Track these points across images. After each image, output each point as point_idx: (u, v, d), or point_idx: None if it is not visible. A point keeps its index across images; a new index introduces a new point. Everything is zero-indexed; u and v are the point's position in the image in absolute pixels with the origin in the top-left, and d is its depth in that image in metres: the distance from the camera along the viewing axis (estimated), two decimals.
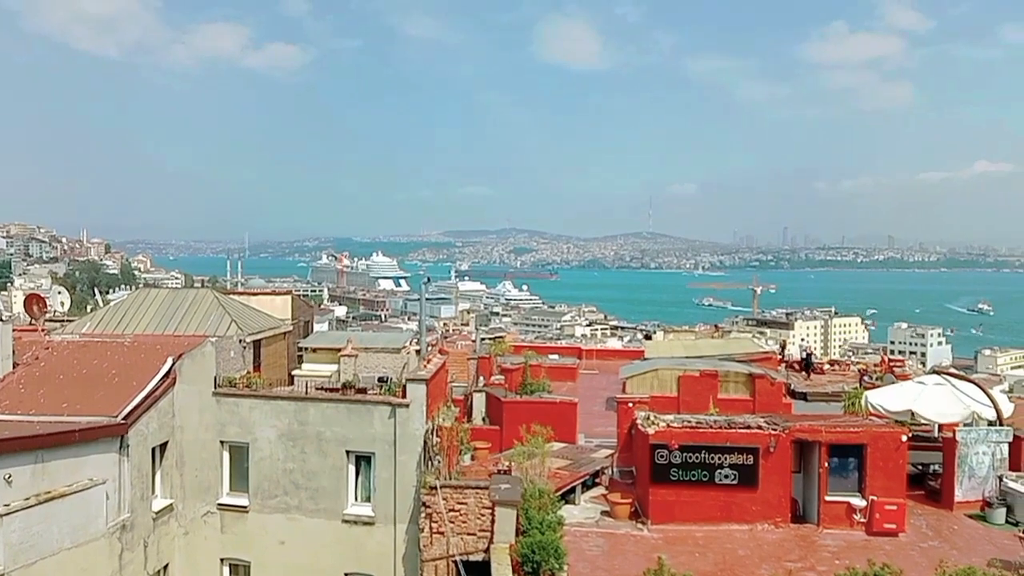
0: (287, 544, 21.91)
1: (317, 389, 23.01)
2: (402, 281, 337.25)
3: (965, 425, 21.93)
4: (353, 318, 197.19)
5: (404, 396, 21.02)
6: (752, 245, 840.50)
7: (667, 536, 18.36)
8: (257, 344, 27.52)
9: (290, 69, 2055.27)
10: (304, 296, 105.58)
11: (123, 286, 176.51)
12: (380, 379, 23.67)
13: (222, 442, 22.55)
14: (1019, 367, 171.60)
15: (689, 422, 20.08)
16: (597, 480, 21.94)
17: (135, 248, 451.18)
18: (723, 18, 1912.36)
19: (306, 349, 29.51)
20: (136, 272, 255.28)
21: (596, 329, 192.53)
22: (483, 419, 26.25)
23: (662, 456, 19.13)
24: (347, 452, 21.65)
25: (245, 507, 22.29)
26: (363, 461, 21.81)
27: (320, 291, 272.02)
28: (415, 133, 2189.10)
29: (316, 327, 41.57)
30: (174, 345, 23.49)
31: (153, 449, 21.68)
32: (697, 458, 19.15)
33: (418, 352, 26.36)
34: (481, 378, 31.97)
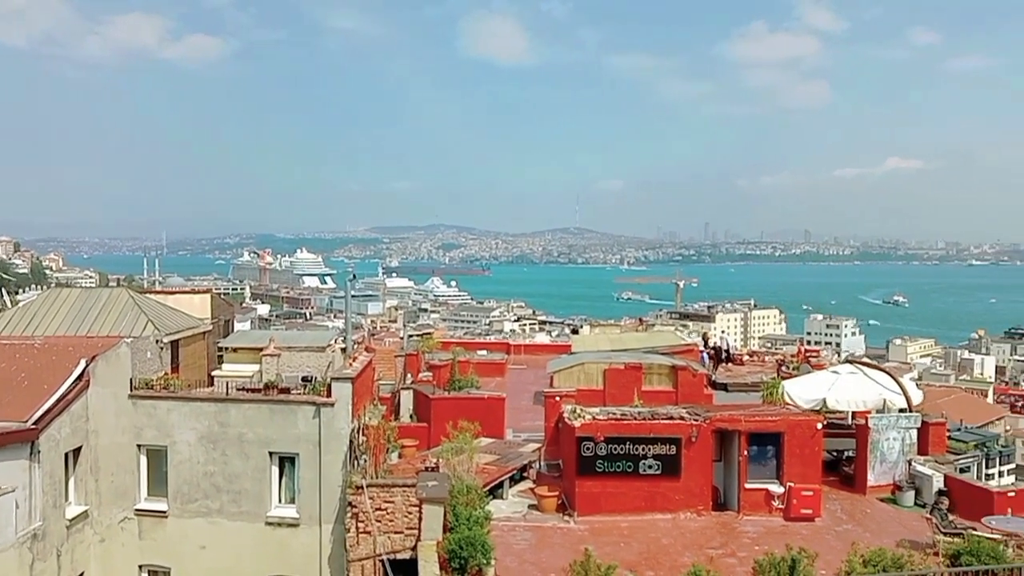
0: (208, 549, 21.39)
1: (238, 390, 22.47)
2: (327, 278, 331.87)
3: (877, 412, 22.86)
4: (276, 316, 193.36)
5: (329, 395, 20.73)
6: (675, 240, 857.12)
7: (593, 527, 18.61)
8: (175, 344, 26.74)
9: (211, 61, 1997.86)
10: (225, 294, 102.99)
11: (33, 286, 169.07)
12: (304, 378, 23.27)
13: (139, 446, 21.86)
14: (928, 356, 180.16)
15: (614, 414, 20.41)
16: (525, 474, 22.07)
17: (46, 246, 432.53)
18: (646, 16, 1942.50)
19: (227, 349, 28.76)
20: (47, 271, 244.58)
21: (525, 324, 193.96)
22: (411, 416, 26.11)
23: (588, 448, 19.37)
24: (270, 453, 21.25)
25: (164, 512, 21.67)
26: (287, 462, 21.44)
27: (242, 289, 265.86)
28: (341, 127, 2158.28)
29: (237, 326, 40.61)
30: (87, 347, 22.63)
31: (66, 454, 20.85)
32: (622, 449, 19.46)
33: (343, 350, 26.01)
34: (409, 375, 31.78)
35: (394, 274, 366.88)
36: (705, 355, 34.88)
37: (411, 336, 40.51)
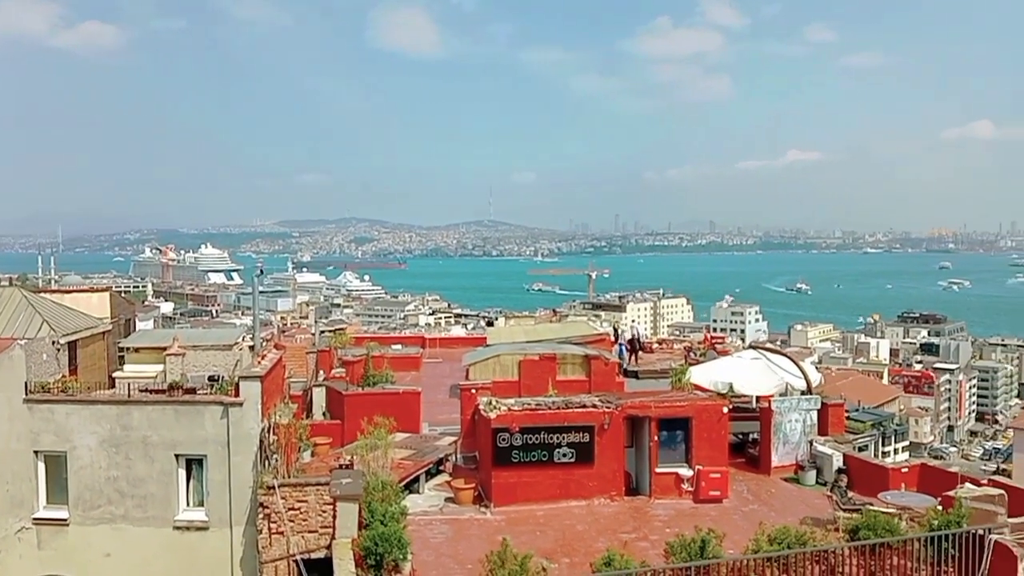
0: (114, 556, 20.59)
1: (141, 391, 21.70)
2: (234, 274, 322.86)
3: (779, 395, 23.77)
4: (181, 314, 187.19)
5: (237, 395, 20.22)
6: (587, 232, 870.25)
7: (510, 517, 18.75)
8: (73, 345, 25.61)
9: (107, 50, 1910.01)
10: (125, 293, 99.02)
11: None
12: (211, 378, 22.65)
13: (36, 452, 20.85)
14: (827, 340, 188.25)
15: (529, 405, 20.59)
16: (442, 468, 22.06)
17: None
18: (555, 11, 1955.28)
19: (128, 349, 27.75)
20: None
21: (440, 318, 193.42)
22: (324, 414, 25.71)
23: (504, 439, 19.50)
24: (176, 456, 20.60)
25: (65, 520, 20.74)
26: (195, 464, 20.83)
27: (143, 287, 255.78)
28: (247, 119, 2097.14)
29: (139, 325, 39.10)
30: None
31: None
32: (537, 439, 19.67)
33: (252, 348, 25.41)
34: (321, 372, 31.26)
35: (304, 269, 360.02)
36: (623, 347, 35.38)
37: (323, 332, 39.88)
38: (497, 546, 14.17)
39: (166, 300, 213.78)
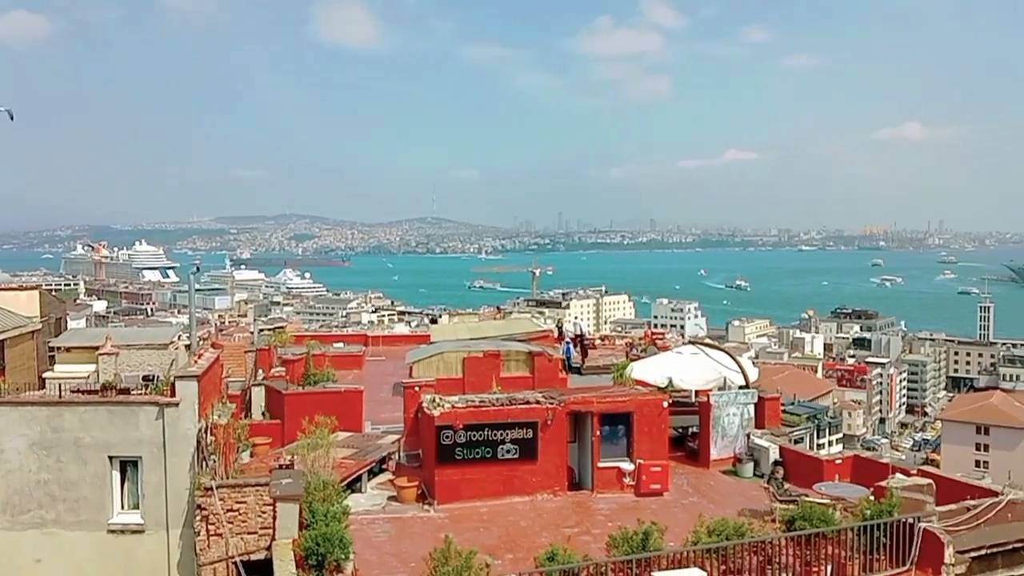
0: (45, 562, 19.90)
1: (73, 392, 21.00)
2: (170, 272, 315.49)
3: (718, 390, 24.23)
4: (115, 313, 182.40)
5: (173, 395, 19.73)
6: (531, 229, 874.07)
7: (453, 515, 18.73)
8: (0, 345, 24.68)
9: (35, 40, 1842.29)
10: (56, 291, 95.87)
11: None
12: (145, 378, 22.04)
13: None
14: (763, 335, 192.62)
15: (473, 402, 20.59)
16: (384, 466, 21.90)
17: None
18: (496, 8, 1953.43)
19: (58, 349, 26.79)
20: None
21: (383, 315, 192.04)
22: (263, 414, 25.28)
23: (447, 437, 19.46)
24: (110, 458, 19.99)
25: None
26: (129, 466, 20.25)
27: (75, 285, 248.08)
28: (184, 113, 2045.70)
29: (71, 324, 37.93)
30: None
31: None
32: (481, 436, 19.68)
33: (188, 347, 24.82)
34: (260, 371, 30.72)
35: (243, 266, 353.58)
36: (570, 346, 35.13)
37: (262, 330, 39.19)
38: (441, 544, 14.15)
39: (99, 298, 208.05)
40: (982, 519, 16.38)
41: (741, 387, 24.49)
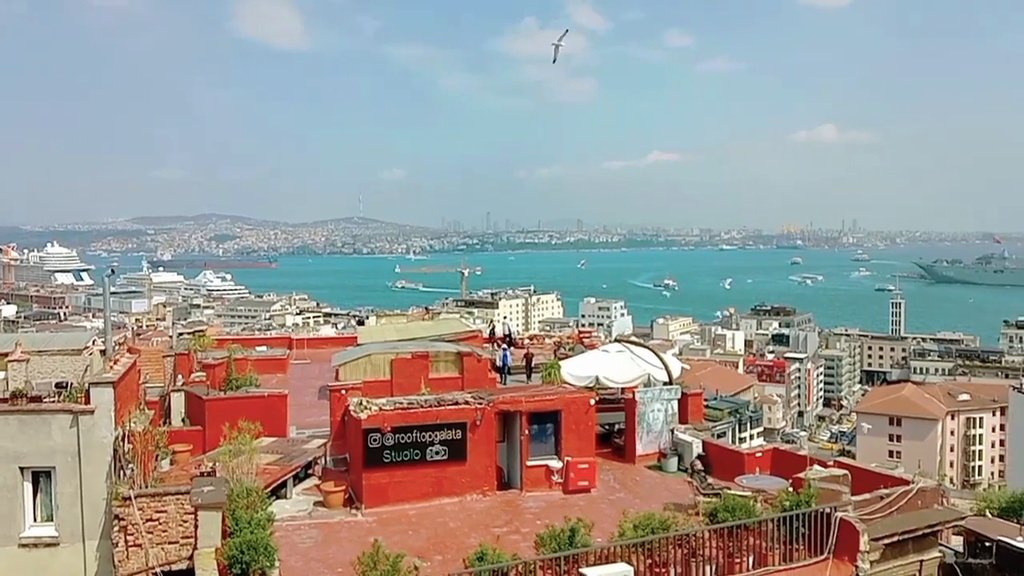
0: None
1: None
2: (84, 274, 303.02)
3: (643, 386, 24.65)
4: (25, 317, 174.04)
5: (87, 402, 18.99)
6: (459, 230, 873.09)
7: (381, 518, 18.55)
8: None
9: None
10: None
11: None
12: (58, 385, 21.19)
13: None
14: (687, 332, 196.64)
15: (401, 404, 20.40)
16: (310, 471, 21.54)
17: None
18: (422, 7, 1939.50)
19: None
20: None
21: (308, 317, 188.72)
22: (183, 420, 24.57)
23: (375, 440, 19.25)
24: (21, 469, 19.11)
25: None
26: (42, 477, 19.41)
27: None
28: (99, 111, 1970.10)
29: None
30: None
31: None
32: (409, 438, 19.53)
33: (103, 352, 23.92)
34: (180, 376, 29.83)
35: (161, 268, 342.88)
36: (507, 352, 33.02)
37: (181, 334, 38.10)
38: (369, 548, 13.99)
39: (8, 302, 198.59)
40: (894, 507, 17.08)
41: (665, 383, 24.96)
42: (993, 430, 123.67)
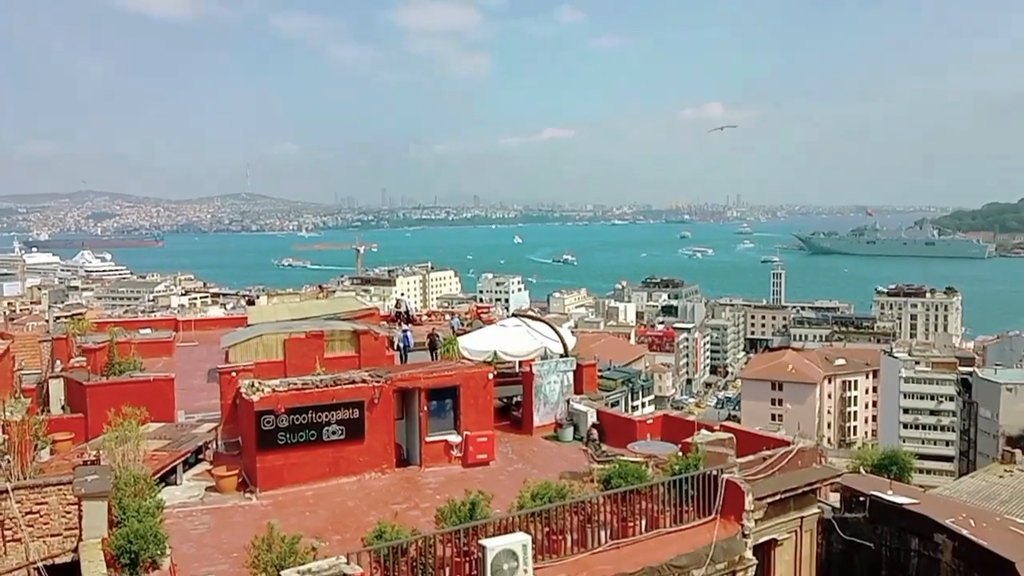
0: None
1: None
2: None
3: (540, 359, 25.06)
4: None
5: None
6: (354, 206, 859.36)
7: (277, 501, 18.25)
8: None
9: None
10: None
11: None
12: None
13: None
14: (582, 306, 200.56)
15: (295, 385, 20.02)
16: (201, 456, 20.95)
17: None
18: None
19: None
20: None
21: (195, 298, 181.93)
22: (63, 408, 23.43)
23: (268, 422, 18.85)
24: None
25: None
26: None
27: None
28: None
29: None
30: None
31: None
32: (305, 419, 19.21)
33: None
34: (58, 362, 28.37)
35: (35, 249, 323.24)
36: (408, 334, 31.39)
37: (58, 318, 36.21)
38: (264, 531, 13.76)
39: None
40: (776, 467, 18.05)
41: (561, 356, 25.46)
42: (867, 392, 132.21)
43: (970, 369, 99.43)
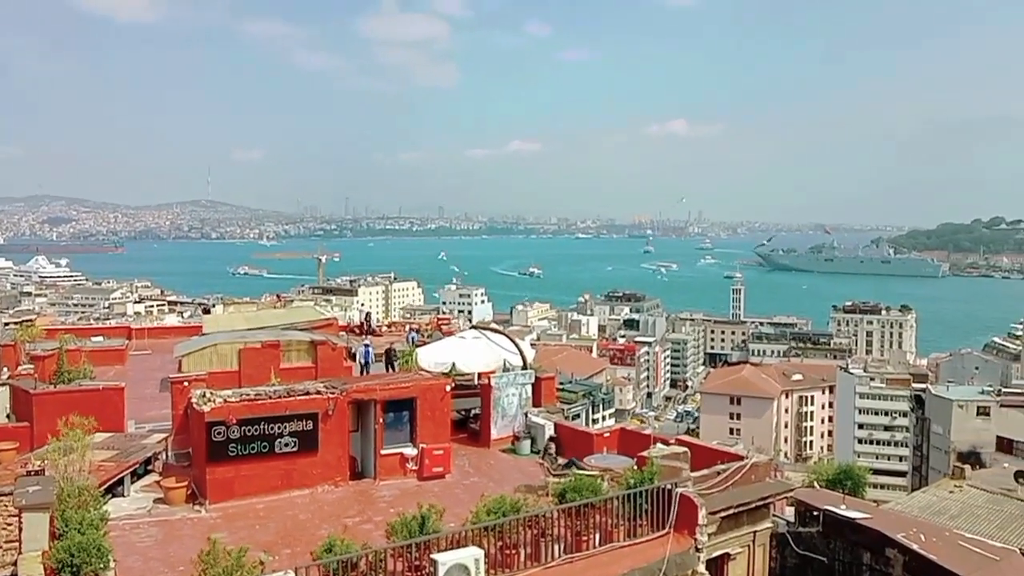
0: None
1: None
2: None
3: (499, 372, 25.00)
4: None
5: None
6: (316, 215, 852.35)
7: (227, 514, 17.91)
8: None
9: None
10: None
11: None
12: None
13: None
14: (544, 318, 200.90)
15: (248, 395, 19.71)
16: (150, 467, 20.51)
17: None
18: None
19: None
20: None
21: (151, 306, 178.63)
22: (8, 416, 22.84)
23: (219, 433, 18.51)
24: None
25: None
26: None
27: None
28: None
29: None
30: None
31: None
32: (257, 430, 18.89)
33: None
34: (5, 370, 27.64)
35: None
36: (369, 349, 30.26)
37: (7, 324, 35.31)
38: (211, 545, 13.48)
39: None
40: (730, 482, 18.16)
41: (521, 369, 25.43)
42: (823, 407, 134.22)
43: (923, 386, 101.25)
